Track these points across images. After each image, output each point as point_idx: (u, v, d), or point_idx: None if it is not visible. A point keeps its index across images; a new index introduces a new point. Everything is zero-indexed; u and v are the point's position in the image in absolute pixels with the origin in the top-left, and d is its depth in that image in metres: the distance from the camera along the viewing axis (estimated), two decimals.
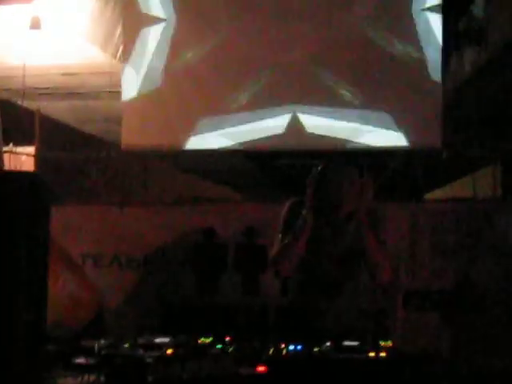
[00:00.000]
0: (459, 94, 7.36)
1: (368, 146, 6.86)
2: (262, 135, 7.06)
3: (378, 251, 3.29)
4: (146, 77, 7.47)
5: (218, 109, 7.25)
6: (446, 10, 6.88)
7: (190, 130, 7.18)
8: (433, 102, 6.79)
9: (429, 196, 7.87)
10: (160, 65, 7.43)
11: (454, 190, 8.45)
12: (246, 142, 7.14)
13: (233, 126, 7.17)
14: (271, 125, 7.04)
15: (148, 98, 7.49)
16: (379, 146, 6.85)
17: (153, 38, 7.49)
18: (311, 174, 3.25)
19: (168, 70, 7.41)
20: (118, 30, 7.96)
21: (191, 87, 7.40)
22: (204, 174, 8.85)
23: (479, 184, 8.06)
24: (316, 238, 3.30)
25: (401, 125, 6.79)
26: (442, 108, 6.68)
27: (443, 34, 6.79)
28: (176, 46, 7.43)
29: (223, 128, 7.17)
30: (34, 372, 2.96)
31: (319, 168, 3.28)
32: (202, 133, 7.18)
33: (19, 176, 3.69)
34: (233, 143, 7.15)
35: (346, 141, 6.96)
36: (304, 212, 3.27)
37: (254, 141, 7.08)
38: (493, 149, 7.65)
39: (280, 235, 3.38)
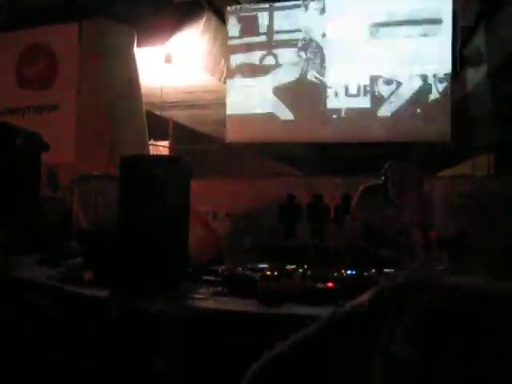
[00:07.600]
0: (463, 104, 7.22)
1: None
2: None
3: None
4: (241, 93, 7.60)
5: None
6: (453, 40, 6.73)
7: (271, 130, 7.31)
8: (444, 112, 6.72)
9: (442, 174, 7.76)
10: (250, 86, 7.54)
11: (460, 169, 8.32)
12: None
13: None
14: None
15: (242, 110, 7.63)
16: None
17: (245, 68, 7.60)
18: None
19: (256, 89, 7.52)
20: (222, 62, 8.13)
21: (268, 103, 7.46)
22: (278, 158, 8.95)
23: (478, 165, 7.93)
24: (385, 214, 3.33)
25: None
26: (451, 115, 6.62)
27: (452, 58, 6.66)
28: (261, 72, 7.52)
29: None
30: (183, 284, 3.14)
31: (389, 164, 3.22)
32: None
33: (171, 158, 3.89)
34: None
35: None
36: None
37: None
38: (487, 141, 7.51)
39: (352, 211, 3.47)
